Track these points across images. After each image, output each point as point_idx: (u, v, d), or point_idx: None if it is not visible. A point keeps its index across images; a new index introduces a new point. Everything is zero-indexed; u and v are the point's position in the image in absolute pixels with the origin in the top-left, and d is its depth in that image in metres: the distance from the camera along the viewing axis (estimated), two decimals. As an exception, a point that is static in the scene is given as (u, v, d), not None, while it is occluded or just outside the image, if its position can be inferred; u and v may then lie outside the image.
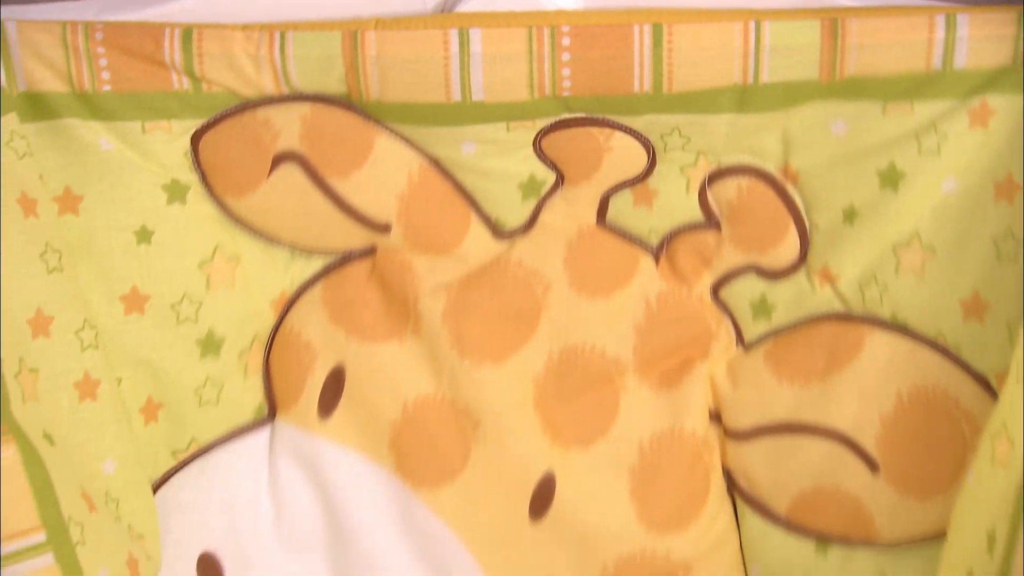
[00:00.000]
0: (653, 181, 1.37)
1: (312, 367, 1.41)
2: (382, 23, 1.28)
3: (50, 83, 1.29)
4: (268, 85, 1.31)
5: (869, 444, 1.34)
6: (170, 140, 1.33)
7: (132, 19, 1.31)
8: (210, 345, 1.38)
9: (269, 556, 1.41)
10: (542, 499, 1.40)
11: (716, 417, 1.41)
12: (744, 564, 1.42)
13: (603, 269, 1.40)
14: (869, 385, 1.34)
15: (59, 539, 1.24)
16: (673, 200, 1.38)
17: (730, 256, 1.38)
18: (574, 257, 1.40)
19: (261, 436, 1.41)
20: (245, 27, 1.29)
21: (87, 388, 1.31)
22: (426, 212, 1.38)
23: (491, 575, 1.41)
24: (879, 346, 1.34)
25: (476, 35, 1.26)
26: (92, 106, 1.30)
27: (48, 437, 1.27)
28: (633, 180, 1.37)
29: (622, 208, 1.39)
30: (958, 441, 1.31)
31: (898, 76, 1.26)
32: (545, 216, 1.39)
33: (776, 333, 1.39)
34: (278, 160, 1.35)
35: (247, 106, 1.33)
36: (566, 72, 1.27)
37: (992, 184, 1.27)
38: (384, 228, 1.38)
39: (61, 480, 1.25)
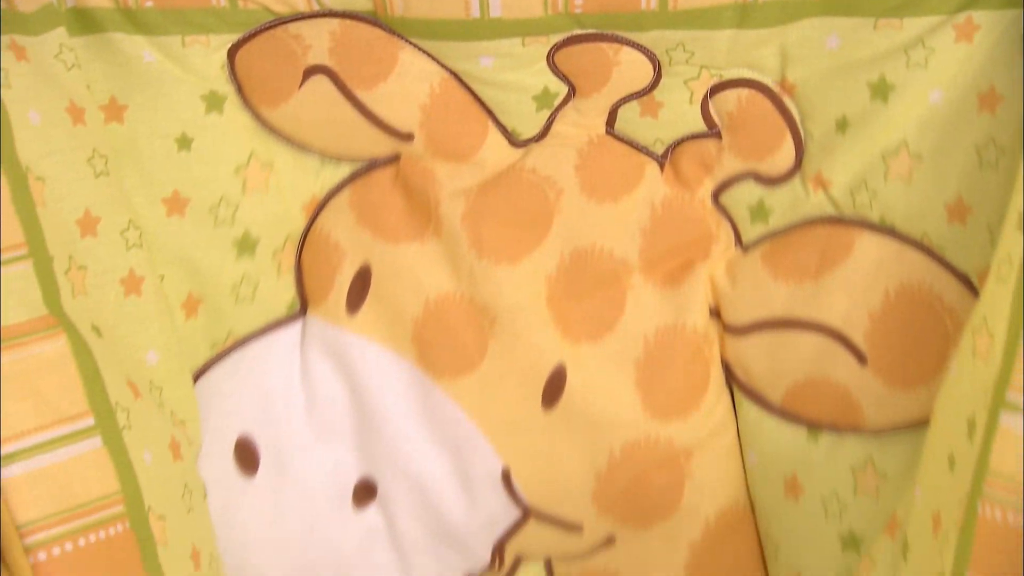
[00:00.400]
0: (659, 93, 1.36)
1: (340, 266, 1.40)
2: (407, -56, 1.28)
3: None
4: (299, 2, 1.31)
5: (858, 338, 1.34)
6: (208, 53, 1.32)
7: (173, -60, 1.30)
8: (246, 245, 1.38)
9: (301, 440, 1.41)
10: (554, 389, 1.40)
11: (716, 313, 1.41)
12: (741, 449, 1.42)
13: (611, 175, 1.39)
14: (858, 283, 1.34)
15: (107, 423, 1.25)
16: (677, 111, 1.37)
17: (730, 163, 1.38)
18: (584, 164, 1.39)
19: (293, 330, 1.41)
20: (279, -53, 1.29)
21: (132, 284, 1.31)
22: (446, 122, 1.37)
23: (506, 459, 1.41)
24: (868, 247, 1.34)
25: (494, -45, 1.26)
26: (135, 21, 1.30)
27: (96, 329, 1.27)
28: (640, 92, 1.36)
29: (629, 119, 1.38)
30: (941, 335, 1.31)
31: (889, -7, 1.26)
32: (558, 126, 1.38)
33: (772, 235, 1.39)
34: (309, 73, 1.35)
35: (280, 22, 1.32)
36: (578, -10, 1.27)
37: (976, 96, 1.26)
38: (407, 137, 1.38)
39: (108, 369, 1.26)
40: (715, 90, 1.36)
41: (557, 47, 1.33)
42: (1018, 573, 1.16)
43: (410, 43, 1.34)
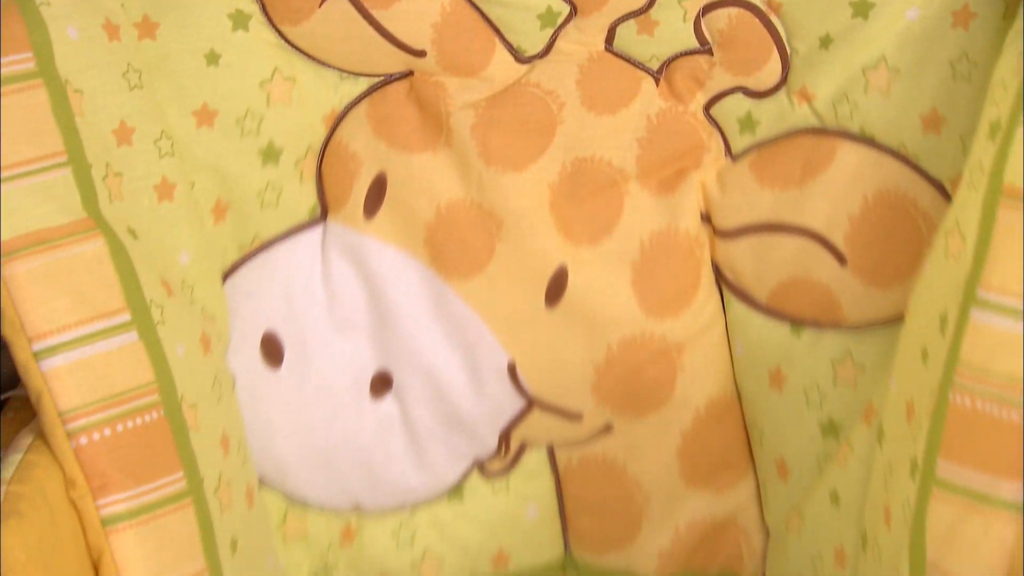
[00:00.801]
0: (655, 12, 1.35)
1: (358, 174, 1.40)
2: None
3: None
4: (318, -75, 1.30)
5: (838, 240, 1.34)
6: None
7: None
8: (270, 154, 1.37)
9: (322, 336, 1.41)
10: (556, 288, 1.39)
11: (706, 218, 1.40)
12: (729, 345, 1.42)
13: (610, 90, 1.38)
14: (839, 189, 1.34)
15: (142, 319, 1.25)
16: (672, 29, 1.36)
17: (720, 78, 1.37)
18: (585, 79, 1.38)
19: (315, 233, 1.41)
20: None
21: (165, 190, 1.31)
22: (456, 40, 1.36)
23: (512, 353, 1.41)
24: (848, 156, 1.33)
25: None
26: (166, -57, 1.29)
27: (132, 232, 1.26)
28: (637, 11, 1.35)
29: (627, 36, 1.37)
30: (916, 237, 1.31)
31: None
32: (560, 43, 1.37)
33: (759, 145, 1.38)
34: (328, -7, 1.34)
35: (300, -55, 1.32)
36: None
37: (950, 13, 1.25)
38: (420, 53, 1.37)
39: (143, 269, 1.26)
40: (707, 9, 1.34)
41: (560, -31, 1.33)
42: (985, 456, 1.16)
43: (421, -35, 1.33)
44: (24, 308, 1.20)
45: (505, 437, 1.46)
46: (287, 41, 1.36)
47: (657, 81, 1.38)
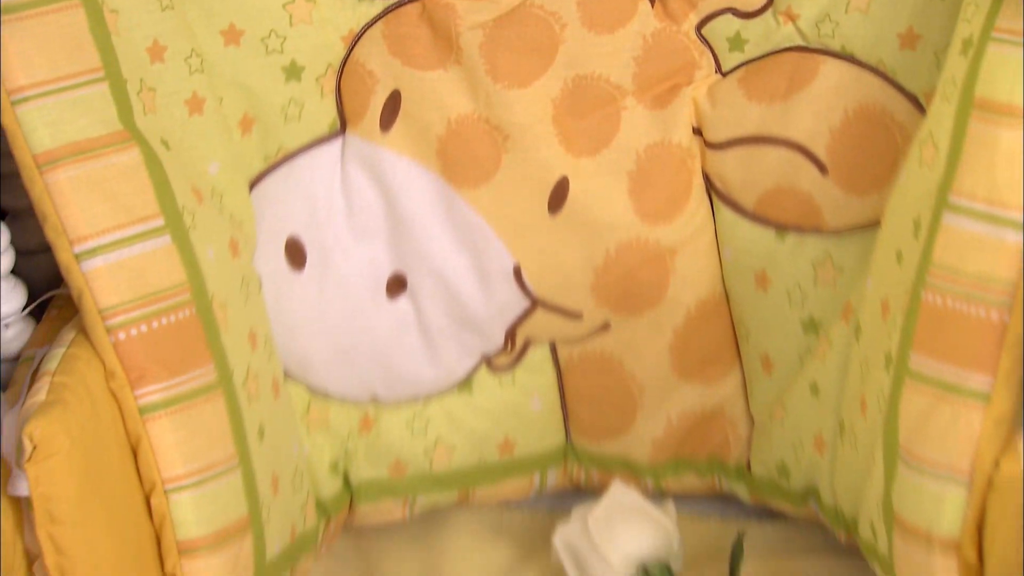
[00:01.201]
0: (650, -62, 1.34)
1: (374, 90, 1.39)
2: None
3: None
4: None
5: (820, 151, 1.33)
6: None
7: None
8: (293, 71, 1.36)
9: (341, 240, 1.41)
10: (558, 197, 1.39)
11: (698, 131, 1.39)
12: (717, 248, 1.42)
13: (609, 11, 1.37)
14: (821, 104, 1.33)
15: (175, 224, 1.25)
16: (665, -47, 1.35)
17: (711, 0, 1.36)
18: (585, 1, 1.37)
19: (335, 145, 1.40)
20: None
21: (195, 105, 1.30)
22: (464, -37, 1.35)
23: (517, 257, 1.41)
24: (831, 72, 1.33)
25: None
26: None
27: (164, 143, 1.26)
28: (634, -63, 1.34)
29: (624, -40, 1.37)
30: (892, 147, 1.30)
31: None
32: (562, -32, 1.37)
33: (748, 63, 1.37)
34: (343, -81, 1.33)
35: None
36: None
37: (926, -64, 1.24)
38: (432, -23, 1.36)
39: (175, 178, 1.25)
40: (699, -66, 1.34)
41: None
42: (955, 350, 1.16)
43: None
44: (66, 213, 1.20)
45: (511, 334, 1.46)
46: None
47: (652, 3, 1.37)
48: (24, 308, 1.32)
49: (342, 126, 1.40)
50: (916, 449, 1.19)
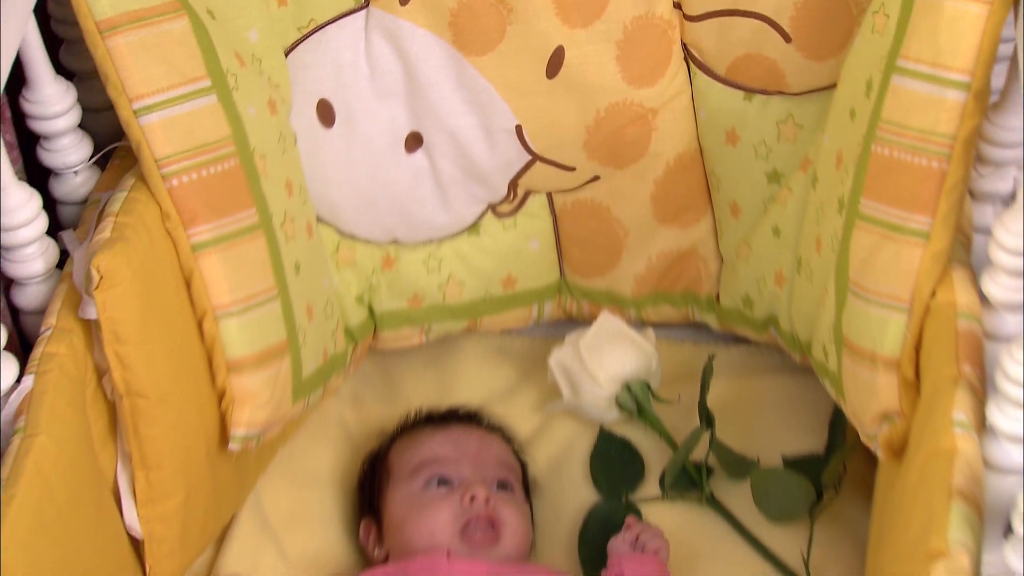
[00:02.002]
0: None
1: (394, -29, 1.36)
2: None
3: None
4: None
5: (785, 22, 1.30)
6: None
7: None
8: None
9: (365, 102, 1.38)
10: (555, 64, 1.36)
11: (678, 5, 1.36)
12: (693, 109, 1.39)
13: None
14: (787, -21, 1.30)
15: (220, 84, 1.23)
16: None
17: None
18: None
19: (359, 17, 1.36)
20: None
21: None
22: None
23: (519, 117, 1.39)
24: (795, -49, 1.30)
25: None
26: None
27: (210, 13, 1.24)
28: None
29: None
30: (848, 18, 1.27)
31: None
32: None
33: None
34: None
35: None
36: None
37: None
38: None
39: (220, 44, 1.23)
40: None
41: None
42: (899, 195, 1.15)
43: None
44: (125, 74, 1.19)
45: (513, 185, 1.44)
46: None
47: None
48: (90, 158, 1.31)
49: (366, 0, 1.37)
50: (864, 281, 1.18)
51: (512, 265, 1.48)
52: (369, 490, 1.37)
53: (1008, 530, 0.98)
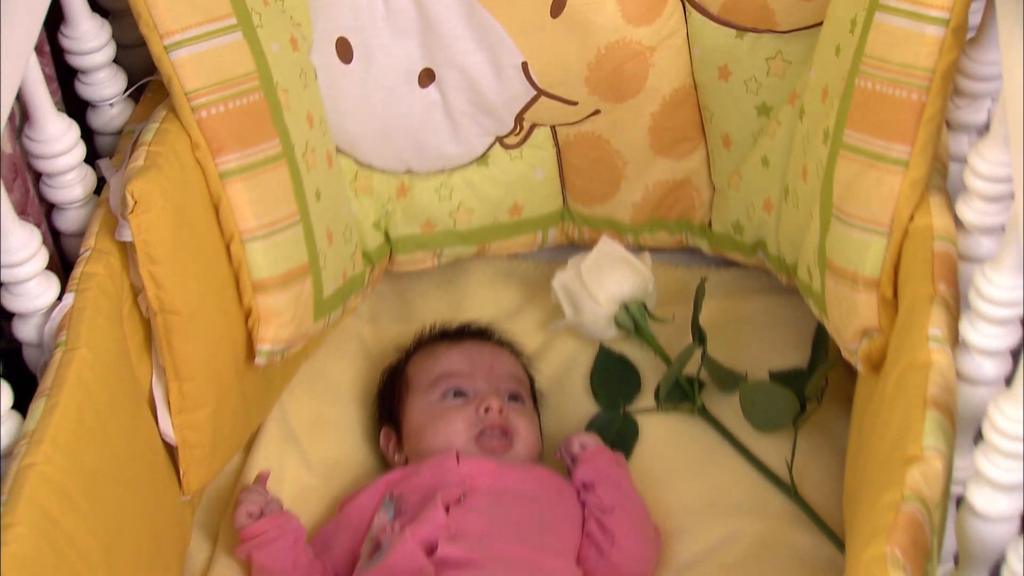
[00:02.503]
0: None
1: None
2: None
3: None
4: None
5: None
6: None
7: None
8: None
9: (382, 39, 1.36)
10: (559, 3, 1.34)
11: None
12: (688, 47, 1.37)
13: None
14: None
15: (245, 22, 1.22)
16: None
17: None
18: None
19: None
20: None
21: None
22: None
23: (525, 54, 1.37)
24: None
25: None
26: None
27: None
28: None
29: None
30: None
31: None
32: None
33: None
34: None
35: None
36: None
37: None
38: None
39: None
40: None
41: None
42: (881, 126, 1.14)
43: None
44: (156, 11, 1.17)
45: (519, 119, 1.43)
46: None
47: None
48: (125, 91, 1.30)
49: (383, -57, 1.35)
50: (847, 207, 1.18)
51: (518, 193, 1.47)
52: (388, 401, 1.37)
53: (979, 437, 0.98)
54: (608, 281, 1.41)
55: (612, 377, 1.42)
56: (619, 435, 1.36)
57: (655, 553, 1.25)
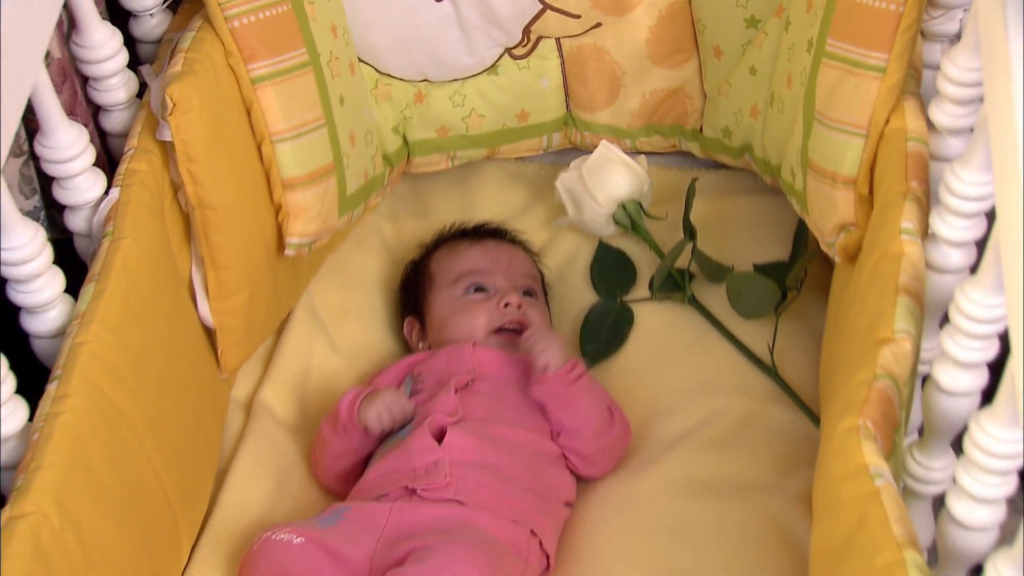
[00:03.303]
0: None
1: None
2: None
3: None
4: None
5: None
6: None
7: None
8: None
9: None
10: None
11: None
12: None
13: None
14: None
15: None
16: None
17: None
18: None
19: None
20: None
21: None
22: None
23: None
24: None
25: None
26: None
27: None
28: None
29: None
30: None
31: None
32: None
33: None
34: None
35: None
36: None
37: None
38: None
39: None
40: None
41: None
42: (861, 35, 1.12)
43: None
44: (191, -72, 1.15)
45: (527, 31, 1.41)
46: None
47: None
48: (163, 2, 1.28)
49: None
50: (828, 111, 1.16)
51: (526, 101, 1.45)
52: (412, 294, 1.37)
53: (944, 320, 0.98)
54: (607, 182, 1.40)
55: (610, 269, 1.41)
56: (616, 322, 1.36)
57: (618, 447, 1.23)
